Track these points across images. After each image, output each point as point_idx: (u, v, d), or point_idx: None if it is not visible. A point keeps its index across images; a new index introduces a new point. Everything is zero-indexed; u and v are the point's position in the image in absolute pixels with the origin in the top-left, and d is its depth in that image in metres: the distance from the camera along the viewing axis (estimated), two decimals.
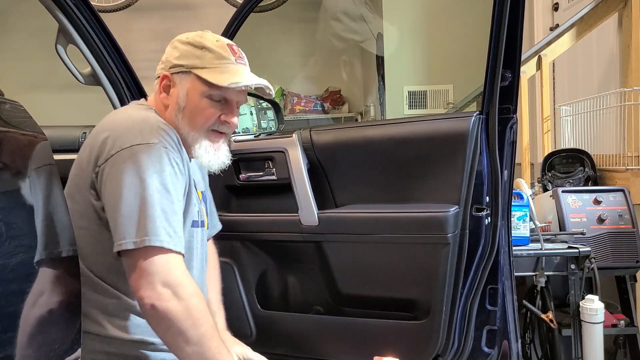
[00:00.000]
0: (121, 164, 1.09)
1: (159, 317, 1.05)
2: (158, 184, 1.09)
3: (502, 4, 1.39)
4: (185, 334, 1.05)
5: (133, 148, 1.10)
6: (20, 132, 0.91)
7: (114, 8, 4.01)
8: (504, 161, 1.48)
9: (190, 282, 1.09)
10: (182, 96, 1.22)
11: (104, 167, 1.11)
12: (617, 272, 2.19)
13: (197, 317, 1.07)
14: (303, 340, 1.69)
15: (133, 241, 1.05)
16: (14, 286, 0.79)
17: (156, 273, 1.05)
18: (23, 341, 0.80)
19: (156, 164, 1.10)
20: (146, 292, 1.05)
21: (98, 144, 1.14)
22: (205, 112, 1.22)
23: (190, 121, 1.22)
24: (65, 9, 1.58)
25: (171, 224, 1.09)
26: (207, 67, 1.20)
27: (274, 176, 1.68)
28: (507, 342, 1.50)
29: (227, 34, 1.82)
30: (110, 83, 1.77)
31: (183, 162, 1.19)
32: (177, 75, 1.23)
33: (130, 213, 1.06)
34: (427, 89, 4.21)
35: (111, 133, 1.14)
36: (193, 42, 1.23)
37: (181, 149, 1.19)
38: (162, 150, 1.12)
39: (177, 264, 1.09)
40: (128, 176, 1.08)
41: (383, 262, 1.60)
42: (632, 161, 2.38)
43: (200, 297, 1.10)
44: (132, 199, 1.07)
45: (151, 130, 1.14)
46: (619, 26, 2.83)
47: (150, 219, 1.06)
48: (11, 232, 0.79)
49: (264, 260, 1.77)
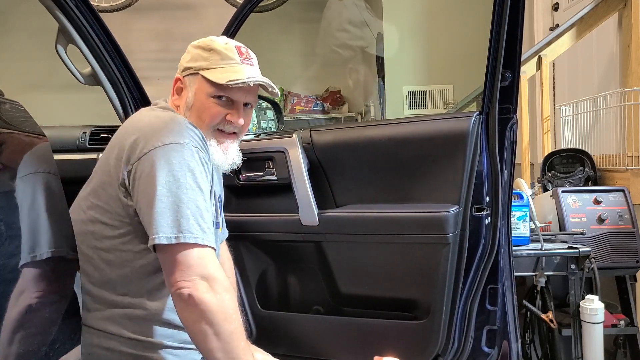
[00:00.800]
0: (155, 162, 1.11)
1: (194, 305, 1.06)
2: (192, 181, 1.12)
3: (502, 4, 1.39)
4: (217, 327, 1.06)
5: (166, 147, 1.13)
6: (21, 133, 0.91)
7: (114, 8, 4.01)
8: (504, 161, 1.48)
9: (224, 278, 1.11)
10: (191, 96, 1.26)
11: (137, 165, 1.13)
12: (617, 272, 2.19)
13: (230, 313, 1.08)
14: (303, 340, 1.69)
15: (167, 237, 1.08)
16: (13, 286, 0.79)
17: (193, 266, 1.08)
18: (22, 340, 0.80)
19: (189, 162, 1.13)
20: (185, 282, 1.07)
21: (129, 143, 1.16)
22: (210, 111, 1.25)
23: (197, 120, 1.25)
24: (65, 9, 1.58)
25: (205, 220, 1.12)
26: (212, 67, 1.24)
27: (274, 176, 1.68)
28: (507, 342, 1.50)
29: (227, 34, 1.82)
30: (110, 83, 1.77)
31: (209, 162, 1.22)
32: (187, 78, 1.28)
33: (164, 210, 1.09)
34: (427, 89, 4.22)
35: (142, 133, 1.16)
36: (203, 45, 1.27)
37: (207, 149, 1.22)
38: (193, 149, 1.15)
39: (212, 258, 1.11)
40: (162, 174, 1.10)
41: (383, 262, 1.60)
42: (632, 161, 2.38)
43: (233, 295, 1.12)
44: (166, 196, 1.09)
45: (180, 130, 1.16)
46: (619, 26, 2.83)
47: (185, 217, 1.09)
48: (11, 232, 0.79)
49: (264, 260, 1.77)
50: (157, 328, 1.21)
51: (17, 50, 4.76)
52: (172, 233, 1.08)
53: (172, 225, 1.08)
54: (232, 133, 1.30)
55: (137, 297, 1.20)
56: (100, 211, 1.19)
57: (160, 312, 1.21)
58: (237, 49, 1.27)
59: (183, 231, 1.08)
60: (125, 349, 1.18)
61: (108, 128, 1.90)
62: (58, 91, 4.30)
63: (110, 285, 1.19)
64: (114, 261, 1.19)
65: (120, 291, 1.19)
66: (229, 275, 1.50)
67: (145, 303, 1.20)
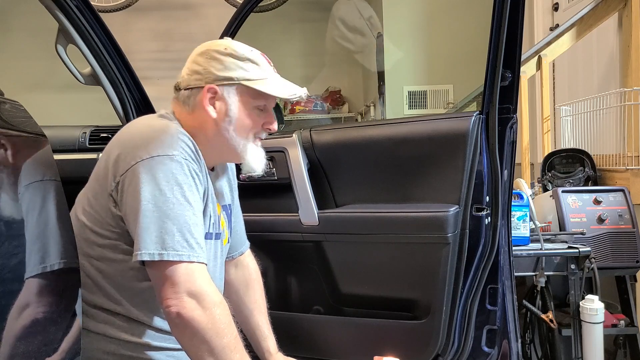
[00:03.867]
0: (141, 175, 1.09)
1: (183, 325, 1.06)
2: (180, 196, 1.10)
3: (502, 4, 1.39)
4: (209, 344, 1.05)
5: (154, 159, 1.10)
6: (21, 134, 0.91)
7: (114, 8, 4.01)
8: (504, 161, 1.48)
9: (214, 292, 1.09)
10: (234, 108, 1.22)
11: (124, 178, 1.11)
12: (617, 272, 2.19)
13: (221, 328, 1.07)
14: (303, 340, 1.69)
15: (149, 253, 1.06)
16: (13, 286, 0.79)
17: (180, 283, 1.06)
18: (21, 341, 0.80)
19: (177, 175, 1.11)
20: (172, 301, 1.06)
21: (119, 152, 1.14)
22: (255, 121, 1.25)
23: (240, 131, 1.24)
24: (65, 9, 1.58)
25: (193, 235, 1.09)
26: (254, 79, 1.22)
27: (274, 176, 1.68)
28: (507, 342, 1.50)
29: (227, 34, 1.82)
30: (110, 83, 1.77)
31: (202, 173, 1.19)
32: (223, 87, 1.22)
33: (149, 225, 1.07)
34: (427, 89, 4.21)
35: (132, 143, 1.14)
36: (234, 53, 1.22)
37: (200, 160, 1.19)
38: (182, 161, 1.12)
39: (200, 273, 1.09)
40: (148, 187, 1.08)
41: (383, 262, 1.60)
42: (632, 161, 2.38)
43: (224, 308, 1.10)
44: (151, 211, 1.07)
45: (171, 141, 1.14)
46: (619, 26, 2.83)
47: (169, 233, 1.07)
48: (11, 232, 0.79)
49: (264, 260, 1.77)
50: (155, 334, 1.21)
51: (17, 50, 4.75)
52: (156, 250, 1.06)
53: (156, 242, 1.06)
54: (261, 137, 1.31)
55: (132, 305, 1.18)
56: (92, 219, 1.18)
57: (156, 319, 1.21)
58: (264, 57, 1.27)
59: (167, 248, 1.06)
60: (125, 352, 1.18)
61: (108, 128, 1.90)
62: (58, 91, 4.30)
63: (104, 292, 1.18)
64: (105, 270, 1.18)
65: (113, 298, 1.18)
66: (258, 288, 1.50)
67: (140, 310, 1.19)
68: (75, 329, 0.93)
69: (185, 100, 1.24)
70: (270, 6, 3.88)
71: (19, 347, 0.79)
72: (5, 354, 0.76)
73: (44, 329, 0.85)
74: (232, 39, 1.28)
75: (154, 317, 1.21)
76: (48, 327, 0.86)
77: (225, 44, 1.24)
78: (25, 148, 0.90)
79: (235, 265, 1.50)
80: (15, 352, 0.78)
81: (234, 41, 1.27)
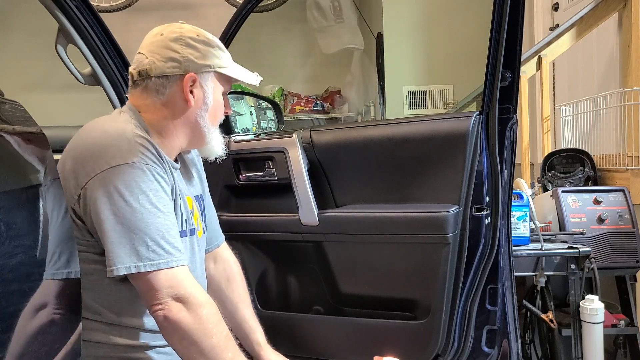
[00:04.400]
0: (103, 187, 1.06)
1: (171, 328, 1.06)
2: (147, 203, 1.07)
3: (502, 4, 1.39)
4: (198, 344, 1.05)
5: (113, 170, 1.06)
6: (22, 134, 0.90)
7: (114, 8, 4.02)
8: (504, 161, 1.48)
9: (199, 293, 1.09)
10: (210, 95, 1.23)
11: (84, 191, 1.08)
12: (617, 272, 2.19)
13: (209, 327, 1.07)
14: (303, 340, 1.69)
15: (125, 267, 1.04)
16: (14, 286, 0.79)
17: (162, 289, 1.06)
18: (22, 342, 0.80)
19: (140, 184, 1.07)
20: (157, 306, 1.06)
21: (75, 163, 1.10)
22: (222, 107, 1.28)
23: (213, 118, 1.26)
24: (65, 9, 1.58)
25: (168, 241, 1.08)
26: (224, 66, 1.24)
27: (274, 176, 1.68)
28: (507, 342, 1.50)
29: (227, 34, 1.82)
30: (110, 83, 1.77)
31: (167, 173, 1.16)
32: (202, 75, 1.21)
33: (120, 239, 1.05)
34: (427, 89, 4.21)
35: (89, 152, 1.10)
36: (206, 40, 1.22)
37: (163, 160, 1.16)
38: (143, 167, 1.09)
39: (183, 276, 1.08)
40: (112, 200, 1.05)
41: (383, 262, 1.60)
42: (632, 161, 2.38)
43: (211, 307, 1.09)
44: (120, 224, 1.05)
45: (129, 147, 1.09)
46: (619, 26, 2.83)
47: (142, 244, 1.05)
48: (11, 233, 0.78)
49: (264, 260, 1.77)
50: (143, 333, 1.19)
51: (17, 50, 4.75)
52: (131, 262, 1.04)
53: (130, 254, 1.04)
54: None
55: (113, 312, 1.16)
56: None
57: (142, 321, 1.19)
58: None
59: (142, 259, 1.04)
60: (116, 354, 1.16)
61: None
62: (58, 91, 4.30)
63: (88, 294, 1.15)
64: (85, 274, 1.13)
65: (92, 309, 1.16)
66: (240, 282, 1.48)
67: (123, 315, 1.17)
68: (78, 331, 0.93)
69: (158, 89, 1.19)
70: (270, 6, 3.88)
71: (27, 347, 0.79)
72: (13, 355, 0.76)
73: (56, 330, 0.85)
74: (185, 23, 1.26)
75: (138, 319, 1.19)
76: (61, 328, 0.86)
77: (193, 29, 1.23)
78: (26, 149, 0.89)
79: (213, 260, 1.47)
80: (22, 352, 0.78)
81: (194, 26, 1.25)
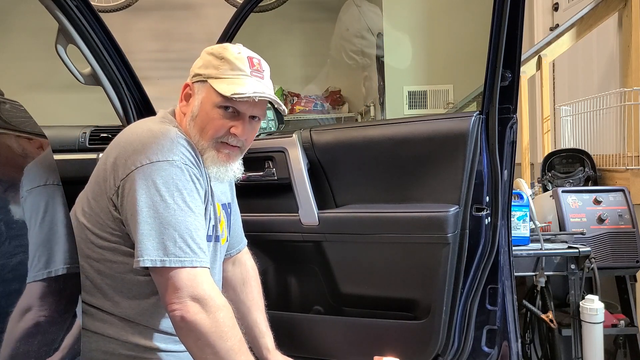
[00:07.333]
0: (142, 181, 1.09)
1: (188, 329, 1.07)
2: (180, 201, 1.10)
3: (502, 4, 1.39)
4: (213, 347, 1.06)
5: (154, 165, 1.10)
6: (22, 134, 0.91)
7: (114, 8, 4.01)
8: (504, 161, 1.48)
9: (217, 295, 1.10)
10: (197, 105, 1.22)
11: (124, 183, 1.12)
12: (617, 272, 2.19)
13: (225, 331, 1.08)
14: (303, 340, 1.69)
15: (151, 260, 1.07)
16: (14, 287, 0.79)
17: (183, 288, 1.07)
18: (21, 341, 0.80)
19: (177, 181, 1.11)
20: (176, 305, 1.07)
21: (119, 157, 1.14)
22: (215, 122, 1.21)
23: (200, 130, 1.21)
24: (65, 9, 1.58)
25: (195, 241, 1.10)
26: (221, 77, 1.20)
27: (274, 176, 1.68)
28: (507, 342, 1.50)
29: (227, 34, 1.82)
30: (110, 83, 1.77)
31: (202, 176, 1.19)
32: (196, 84, 1.23)
33: (150, 232, 1.08)
34: (427, 89, 4.21)
35: (132, 147, 1.14)
36: (215, 52, 1.23)
37: (200, 163, 1.20)
38: (182, 166, 1.13)
39: (204, 278, 1.10)
40: (149, 194, 1.09)
41: (383, 262, 1.60)
42: (632, 161, 2.38)
43: (228, 311, 1.11)
44: (152, 217, 1.08)
45: (171, 146, 1.14)
46: (619, 26, 2.83)
47: (171, 239, 1.08)
48: (12, 233, 0.79)
49: (264, 260, 1.77)
50: (156, 334, 1.21)
51: (17, 50, 4.75)
52: (158, 256, 1.07)
53: (158, 248, 1.07)
54: (236, 146, 1.25)
55: (130, 307, 1.19)
56: (92, 221, 1.18)
57: (157, 321, 1.21)
58: (249, 60, 1.22)
59: (169, 254, 1.07)
60: (125, 352, 1.18)
61: (108, 128, 1.90)
62: (58, 91, 4.30)
63: (103, 293, 1.18)
64: (104, 271, 1.18)
65: (112, 300, 1.18)
66: (255, 286, 1.49)
67: (139, 312, 1.19)
68: (75, 330, 0.93)
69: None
70: (270, 6, 3.88)
71: (19, 347, 0.79)
72: (6, 354, 0.76)
73: (44, 330, 0.85)
74: (236, 45, 1.26)
75: (154, 319, 1.20)
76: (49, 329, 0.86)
77: (218, 45, 1.25)
78: (27, 150, 0.89)
79: (232, 263, 1.50)
80: (16, 352, 0.78)
81: (236, 45, 1.25)
